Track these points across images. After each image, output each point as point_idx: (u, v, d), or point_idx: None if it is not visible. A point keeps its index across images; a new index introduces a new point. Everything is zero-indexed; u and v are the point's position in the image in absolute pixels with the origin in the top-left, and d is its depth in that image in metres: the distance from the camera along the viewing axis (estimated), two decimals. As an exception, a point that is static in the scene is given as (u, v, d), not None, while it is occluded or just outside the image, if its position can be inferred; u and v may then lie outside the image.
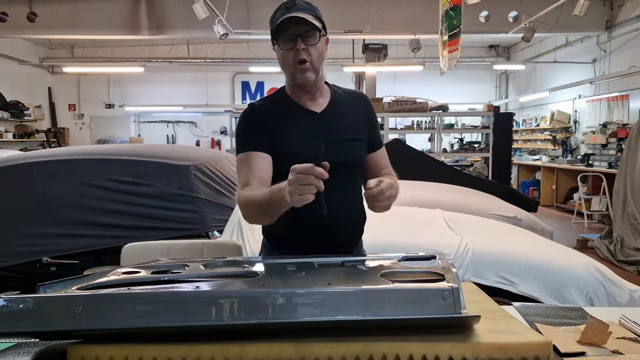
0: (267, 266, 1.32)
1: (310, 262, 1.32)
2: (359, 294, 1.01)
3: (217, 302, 0.98)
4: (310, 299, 0.99)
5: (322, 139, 1.23)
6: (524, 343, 0.99)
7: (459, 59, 6.29)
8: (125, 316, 0.98)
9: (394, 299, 1.00)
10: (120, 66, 11.82)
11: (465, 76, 12.88)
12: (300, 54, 1.48)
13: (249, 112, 1.60)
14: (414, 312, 0.99)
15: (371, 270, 1.23)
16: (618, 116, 8.75)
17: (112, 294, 1.03)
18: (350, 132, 1.59)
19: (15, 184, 2.75)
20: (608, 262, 5.34)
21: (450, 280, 1.05)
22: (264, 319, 0.98)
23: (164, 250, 2.01)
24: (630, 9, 8.44)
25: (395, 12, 8.63)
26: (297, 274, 1.21)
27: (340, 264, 1.33)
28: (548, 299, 2.34)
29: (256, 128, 1.56)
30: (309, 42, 1.48)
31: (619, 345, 1.17)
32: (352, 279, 1.19)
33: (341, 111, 1.61)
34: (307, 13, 1.47)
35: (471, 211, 3.64)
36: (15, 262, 2.58)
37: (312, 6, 1.53)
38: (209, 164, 2.91)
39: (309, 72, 1.50)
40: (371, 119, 1.68)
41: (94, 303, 0.99)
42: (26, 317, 0.98)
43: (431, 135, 9.98)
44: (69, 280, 1.26)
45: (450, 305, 0.99)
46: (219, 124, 13.45)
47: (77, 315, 0.97)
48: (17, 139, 10.61)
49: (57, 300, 1.00)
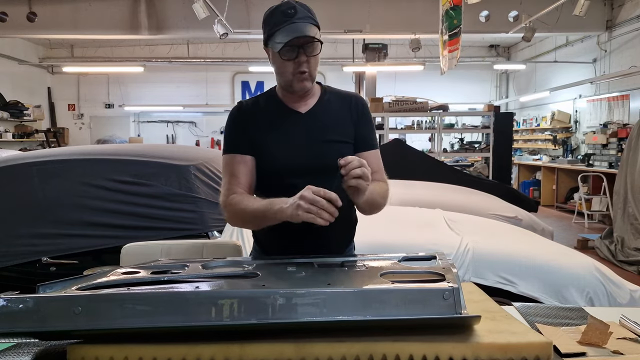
0: (267, 266, 1.32)
1: (310, 263, 1.32)
2: (359, 294, 1.01)
3: (217, 302, 0.98)
4: (311, 299, 0.99)
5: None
6: (524, 343, 0.99)
7: (459, 58, 6.29)
8: (125, 316, 0.97)
9: (394, 299, 1.00)
10: (120, 66, 11.82)
11: (465, 76, 12.88)
12: (302, 65, 1.47)
13: (236, 111, 1.61)
14: (414, 313, 0.99)
15: (371, 271, 1.22)
16: (618, 116, 8.75)
17: (112, 294, 1.02)
18: (334, 133, 1.56)
19: (15, 184, 2.75)
20: (608, 262, 5.34)
21: (450, 281, 1.05)
22: (264, 319, 0.97)
23: (164, 250, 2.01)
24: (630, 9, 8.44)
25: (395, 12, 8.63)
26: (297, 274, 1.21)
27: (341, 264, 1.33)
28: (548, 299, 2.34)
29: (241, 128, 1.58)
30: (310, 53, 1.47)
31: (620, 346, 1.17)
32: (352, 279, 1.19)
33: (327, 112, 1.58)
34: (308, 23, 1.45)
35: (471, 211, 3.64)
36: (15, 262, 2.58)
37: (310, 12, 1.49)
38: (209, 164, 2.91)
39: (307, 81, 1.50)
40: (360, 116, 1.61)
41: (94, 303, 0.99)
42: (26, 317, 0.98)
43: (431, 135, 9.98)
44: (69, 281, 1.26)
45: (451, 305, 0.98)
46: (219, 124, 13.44)
47: (77, 315, 0.97)
48: (17, 139, 10.62)
49: (57, 301, 1.00)
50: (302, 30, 1.42)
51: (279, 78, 1.54)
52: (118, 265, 1.54)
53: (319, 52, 1.49)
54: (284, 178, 1.51)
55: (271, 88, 1.65)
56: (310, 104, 1.58)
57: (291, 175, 1.50)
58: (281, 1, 1.50)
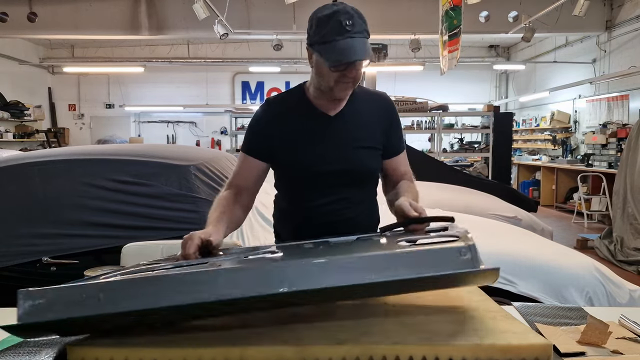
0: (285, 247, 1.32)
1: (325, 241, 1.33)
2: (382, 257, 1.02)
3: (266, 275, 0.98)
4: (337, 265, 1.00)
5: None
6: (524, 345, 0.99)
7: (459, 59, 6.30)
8: (167, 295, 0.96)
9: (415, 259, 1.02)
10: (120, 66, 11.83)
11: (465, 76, 12.88)
12: (348, 76, 1.43)
13: (262, 111, 1.58)
14: (435, 270, 1.01)
15: (388, 239, 1.24)
16: (618, 116, 8.76)
17: (143, 276, 1.02)
18: (362, 139, 1.53)
19: (15, 184, 2.75)
20: (608, 262, 5.34)
21: (465, 240, 1.08)
22: (294, 286, 0.97)
23: (164, 250, 2.01)
24: (630, 9, 8.44)
25: (395, 12, 8.63)
26: (315, 249, 1.23)
27: (355, 239, 1.34)
28: (548, 299, 2.34)
29: (263, 131, 1.56)
30: (359, 66, 1.43)
31: (619, 345, 1.17)
32: (374, 247, 1.19)
33: (356, 115, 1.54)
34: (363, 39, 1.39)
35: (471, 211, 3.64)
36: (15, 262, 2.58)
37: (365, 22, 1.41)
38: (209, 164, 2.91)
39: (349, 89, 1.47)
40: (391, 122, 1.58)
41: (126, 286, 0.99)
42: (50, 308, 0.97)
43: (431, 135, 9.99)
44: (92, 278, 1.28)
45: (469, 261, 1.01)
46: (219, 124, 13.45)
47: (100, 302, 0.97)
48: (17, 139, 10.62)
49: (79, 288, 1.00)
50: (357, 54, 1.37)
51: (319, 80, 1.48)
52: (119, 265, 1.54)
53: (369, 61, 1.44)
54: (309, 181, 1.52)
55: (300, 85, 1.60)
56: (340, 106, 1.54)
57: (317, 179, 1.51)
58: (333, 2, 1.45)
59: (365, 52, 1.39)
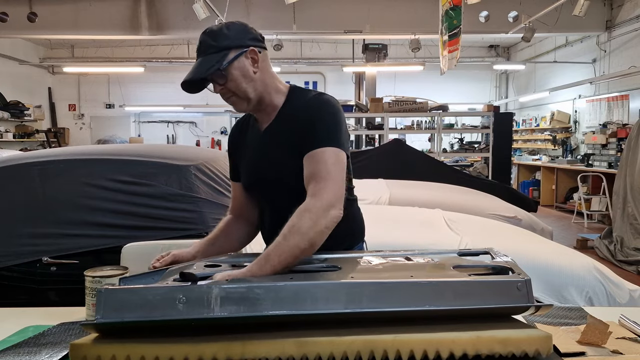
0: (343, 260, 1.33)
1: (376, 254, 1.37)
2: (444, 285, 1.07)
3: (320, 294, 1.02)
4: (401, 290, 1.04)
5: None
6: (524, 337, 0.99)
7: (459, 59, 6.30)
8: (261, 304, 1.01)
9: (475, 290, 1.06)
10: (120, 66, 11.82)
11: (465, 76, 12.89)
12: (222, 93, 1.46)
13: (229, 135, 1.70)
14: (494, 302, 1.06)
15: (440, 264, 1.27)
16: (618, 116, 8.76)
17: (240, 286, 1.04)
18: (287, 148, 1.45)
19: (15, 184, 2.75)
20: (608, 262, 5.34)
21: (521, 273, 1.14)
22: (358, 307, 1.02)
23: (164, 250, 2.01)
24: (630, 9, 8.44)
25: (395, 12, 8.63)
26: (377, 266, 1.25)
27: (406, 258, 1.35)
28: (548, 299, 2.34)
29: (230, 152, 1.68)
30: (218, 83, 1.43)
31: (619, 345, 1.17)
32: (430, 272, 1.21)
33: (281, 125, 1.49)
34: (203, 56, 1.42)
35: (471, 211, 3.64)
36: (15, 262, 2.58)
37: (216, 39, 1.42)
38: (209, 164, 2.91)
39: (237, 104, 1.49)
40: (306, 124, 1.42)
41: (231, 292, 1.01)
42: (134, 307, 1.00)
43: (431, 135, 9.99)
44: (149, 274, 1.32)
45: (524, 295, 1.07)
46: (219, 124, 13.45)
47: (179, 305, 0.99)
48: (17, 139, 10.62)
49: (168, 291, 1.02)
50: (187, 76, 1.41)
51: None
52: (119, 265, 1.54)
53: (227, 80, 1.41)
54: (252, 193, 1.62)
55: None
56: (270, 118, 1.52)
57: (254, 191, 1.60)
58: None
59: (193, 73, 1.40)
